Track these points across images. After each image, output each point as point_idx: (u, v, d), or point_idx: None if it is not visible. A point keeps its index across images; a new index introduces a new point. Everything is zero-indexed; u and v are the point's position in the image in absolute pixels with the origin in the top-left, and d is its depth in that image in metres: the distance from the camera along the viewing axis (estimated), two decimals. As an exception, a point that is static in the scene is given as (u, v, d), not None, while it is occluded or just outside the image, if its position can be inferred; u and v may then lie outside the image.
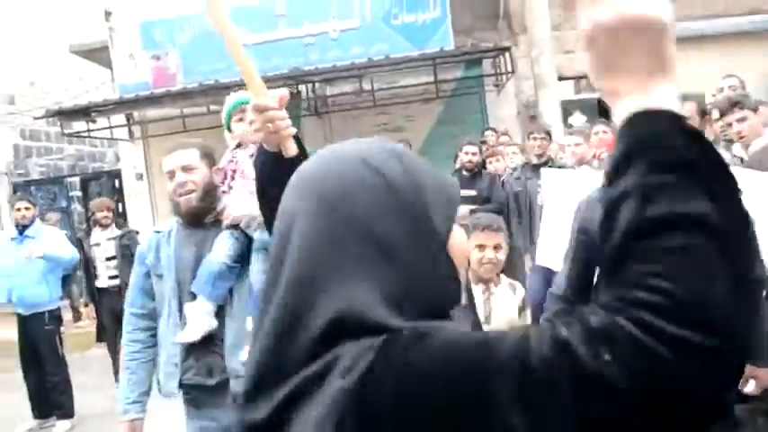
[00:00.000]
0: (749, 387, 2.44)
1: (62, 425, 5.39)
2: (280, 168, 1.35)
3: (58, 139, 12.62)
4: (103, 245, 6.04)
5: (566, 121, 9.00)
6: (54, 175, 12.82)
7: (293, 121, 1.45)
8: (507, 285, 2.82)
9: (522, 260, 5.49)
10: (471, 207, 5.27)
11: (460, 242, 0.82)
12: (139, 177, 10.17)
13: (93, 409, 5.53)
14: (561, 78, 9.17)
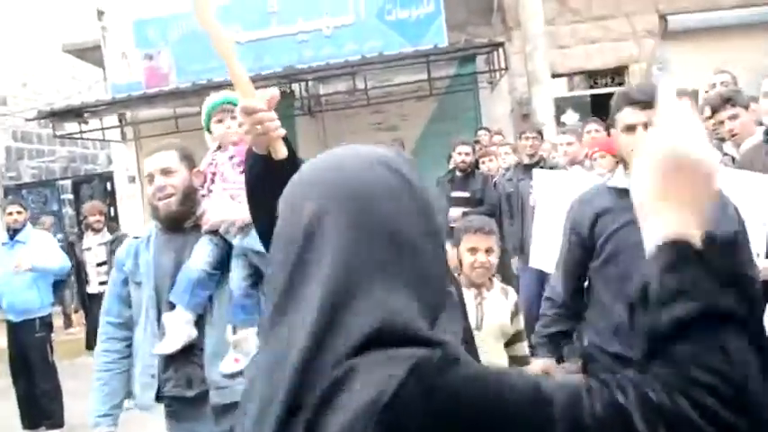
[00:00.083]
0: None
1: None
2: (270, 171, 1.34)
3: (50, 141, 12.55)
4: (94, 250, 6.00)
5: (559, 119, 8.97)
6: (46, 178, 12.75)
7: (286, 121, 1.42)
8: (500, 290, 2.79)
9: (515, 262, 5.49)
10: (464, 209, 5.24)
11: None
12: (132, 180, 10.06)
13: (83, 418, 5.26)
14: (554, 75, 9.15)
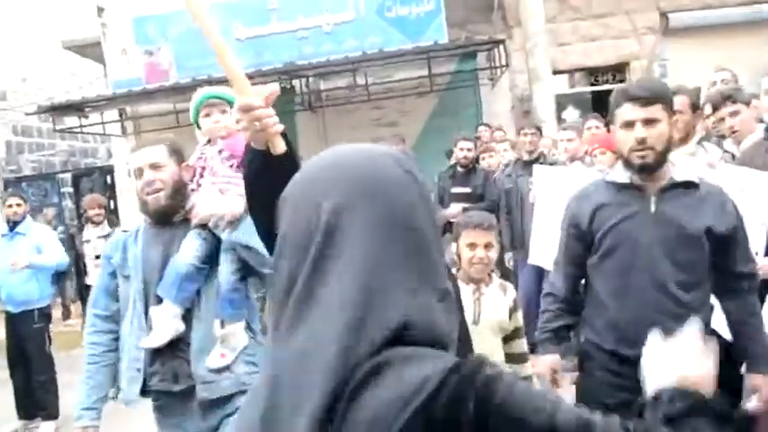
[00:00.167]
0: (752, 403, 2.25)
1: (47, 426, 5.32)
2: (268, 166, 1.33)
3: (50, 134, 12.54)
4: (93, 242, 6.00)
5: (559, 116, 8.97)
6: (46, 171, 12.75)
7: (287, 116, 1.41)
8: (498, 286, 2.76)
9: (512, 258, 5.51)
10: (465, 205, 5.24)
11: None
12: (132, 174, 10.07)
13: (79, 410, 5.44)
14: (555, 72, 9.14)
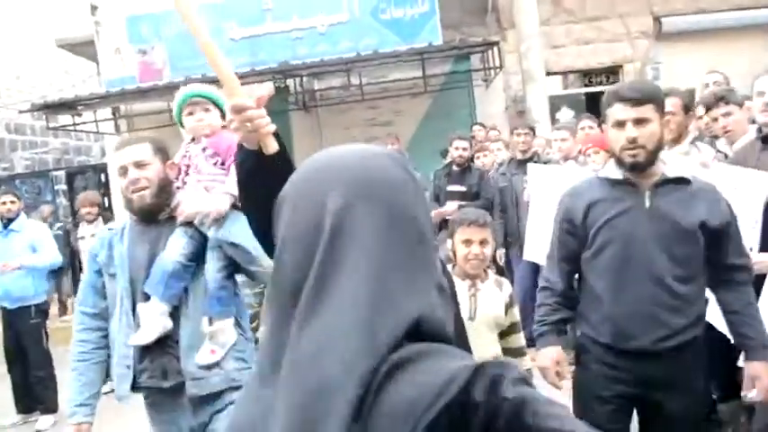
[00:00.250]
0: (752, 393, 2.20)
1: (45, 420, 5.32)
2: (261, 165, 1.33)
3: (43, 132, 12.50)
4: (88, 239, 5.99)
5: (553, 117, 9.02)
6: (39, 169, 12.69)
7: (281, 116, 1.42)
8: (494, 282, 2.77)
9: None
10: (460, 203, 5.27)
11: None
12: (126, 171, 10.04)
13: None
14: (549, 73, 9.19)
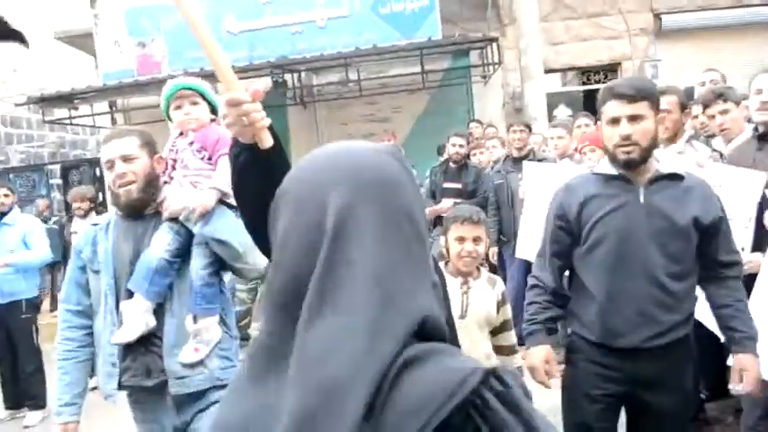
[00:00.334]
0: (739, 386, 2.22)
1: (33, 416, 5.26)
2: (256, 160, 1.33)
3: (39, 126, 12.45)
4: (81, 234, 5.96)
5: (551, 114, 9.01)
6: (34, 163, 12.64)
7: (278, 111, 1.40)
8: (486, 279, 2.76)
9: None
10: (456, 200, 5.25)
11: None
12: (122, 166, 10.00)
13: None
14: (548, 71, 9.17)
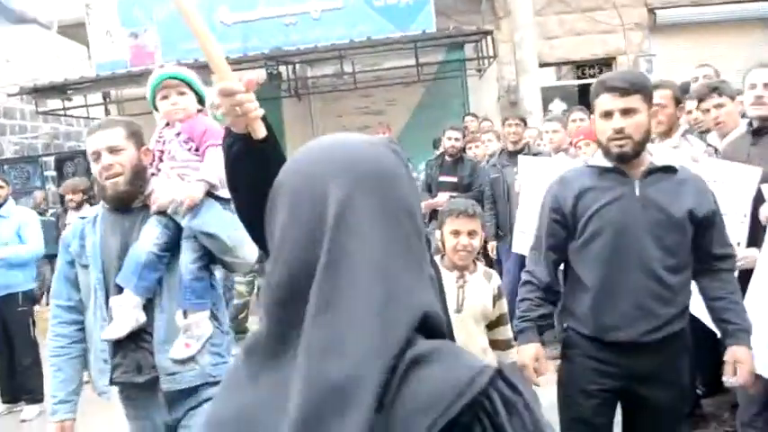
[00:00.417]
0: (733, 379, 2.22)
1: (30, 410, 5.21)
2: (249, 150, 1.33)
3: (33, 117, 12.36)
4: (73, 227, 5.93)
5: (545, 108, 9.02)
6: (28, 154, 12.56)
7: (273, 103, 1.40)
8: (482, 273, 2.76)
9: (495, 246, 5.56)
10: (451, 194, 5.26)
11: None
12: (116, 157, 9.96)
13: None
14: (542, 65, 9.17)
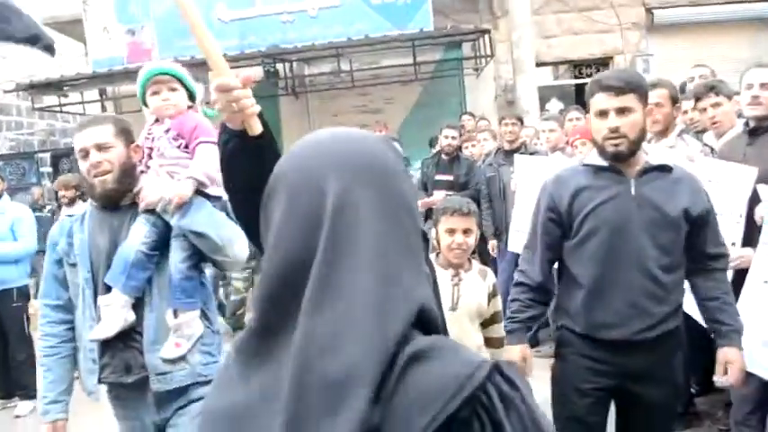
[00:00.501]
0: (723, 378, 2.24)
1: (24, 405, 5.21)
2: (245, 146, 1.32)
3: (29, 113, 12.35)
4: (66, 223, 5.92)
5: (543, 107, 9.03)
6: (24, 150, 12.55)
7: (270, 101, 1.39)
8: (478, 271, 2.75)
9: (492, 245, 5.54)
10: (448, 192, 5.26)
11: None
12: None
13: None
14: (539, 64, 9.18)
